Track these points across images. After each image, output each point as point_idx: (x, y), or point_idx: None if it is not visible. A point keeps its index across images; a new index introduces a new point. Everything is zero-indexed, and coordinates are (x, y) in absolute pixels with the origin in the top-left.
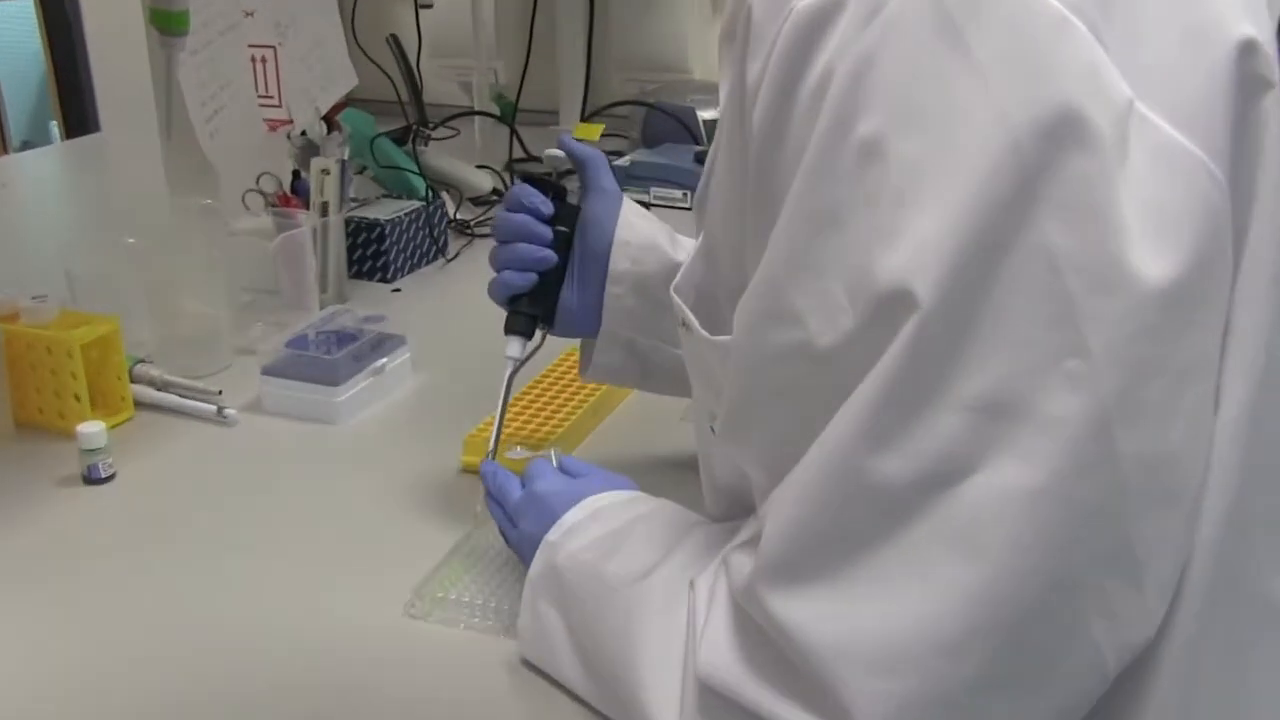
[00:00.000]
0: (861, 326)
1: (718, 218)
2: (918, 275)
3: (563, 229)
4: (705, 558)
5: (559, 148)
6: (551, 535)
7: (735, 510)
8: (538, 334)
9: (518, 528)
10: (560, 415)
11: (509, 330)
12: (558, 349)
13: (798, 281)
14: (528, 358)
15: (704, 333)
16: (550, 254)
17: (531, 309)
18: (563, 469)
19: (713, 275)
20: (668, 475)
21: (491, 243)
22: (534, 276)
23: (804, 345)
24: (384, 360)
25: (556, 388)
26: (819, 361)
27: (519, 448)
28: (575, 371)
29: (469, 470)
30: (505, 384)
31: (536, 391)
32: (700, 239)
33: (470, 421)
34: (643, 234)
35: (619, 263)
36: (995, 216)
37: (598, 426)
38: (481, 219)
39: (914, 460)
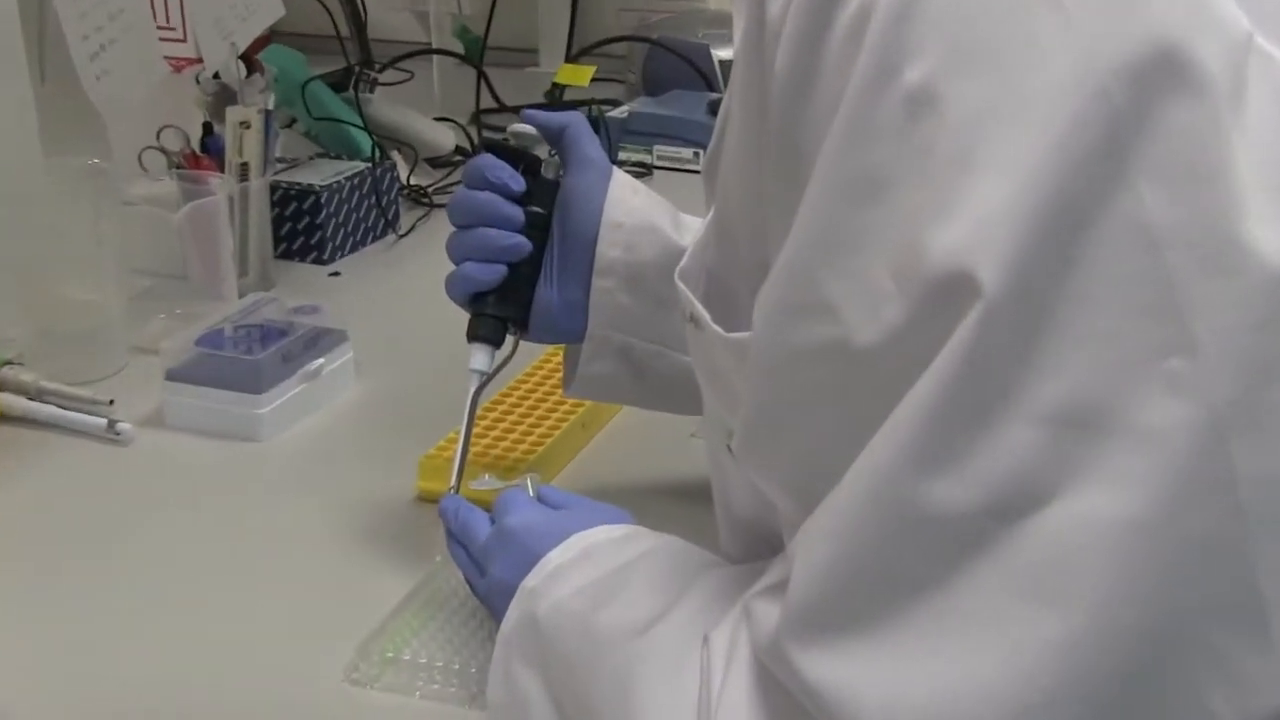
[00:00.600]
0: (911, 319)
1: (733, 185)
2: (981, 254)
3: (537, 210)
4: (721, 606)
5: (526, 123)
6: (531, 580)
7: (758, 548)
8: (509, 340)
9: (487, 574)
10: (538, 433)
11: (472, 337)
12: (536, 350)
13: (832, 264)
14: (496, 371)
15: (717, 329)
16: (522, 241)
17: (500, 310)
18: (542, 501)
19: (728, 256)
20: (673, 507)
21: None
22: (502, 269)
23: (840, 343)
24: (319, 362)
25: (534, 399)
26: (859, 363)
27: (487, 476)
28: (557, 379)
29: (426, 499)
30: (469, 402)
31: (509, 404)
32: (712, 211)
33: (428, 439)
34: (638, 214)
35: (609, 250)
36: (1077, 181)
37: (585, 447)
38: (441, 185)
39: (978, 485)
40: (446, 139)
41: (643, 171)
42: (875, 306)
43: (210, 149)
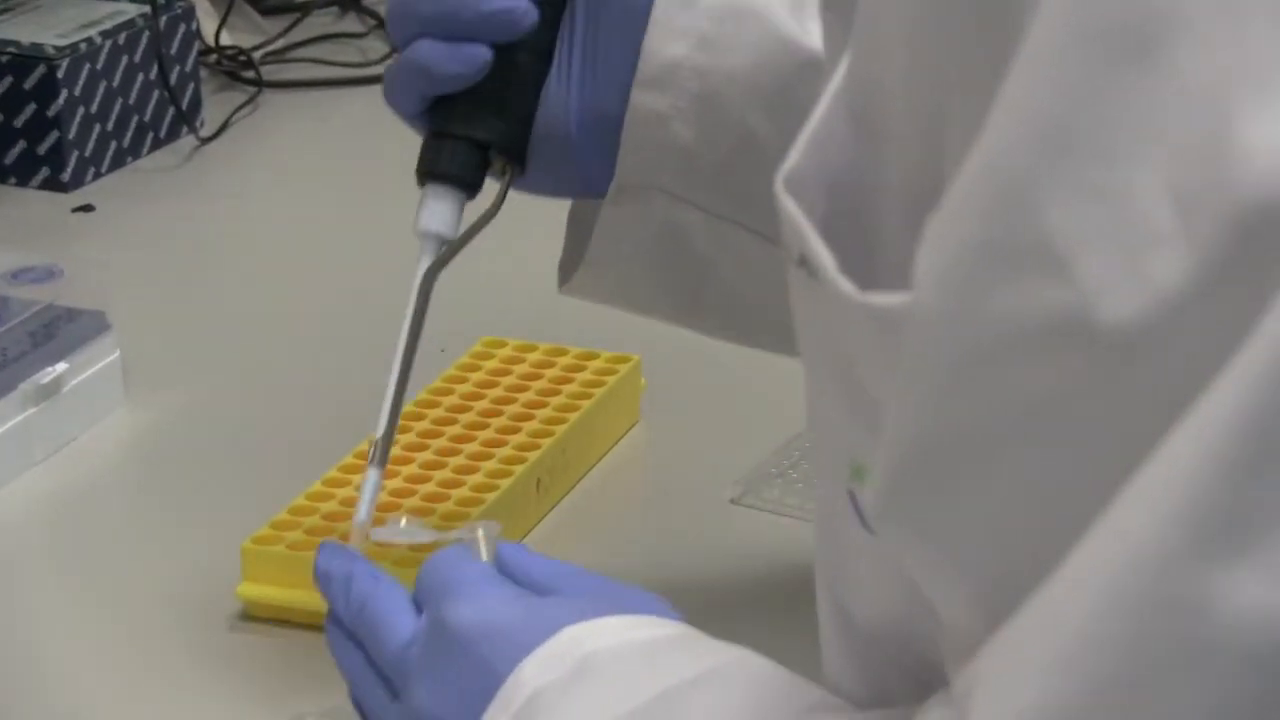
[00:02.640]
0: (1205, 278)
1: (888, 22)
2: None
3: None
4: None
5: None
6: (495, 717)
7: (891, 680)
8: (491, 185)
9: (405, 699)
10: (470, 489)
11: (428, 173)
12: (464, 338)
13: (1061, 178)
14: (465, 240)
15: (846, 284)
16: (521, 5)
17: (477, 127)
18: (504, 570)
19: (870, 158)
20: (705, 620)
21: (318, 97)
22: (484, 54)
23: (1073, 317)
24: (58, 367)
25: (464, 420)
26: (1105, 354)
27: (404, 521)
28: (505, 394)
29: (256, 614)
30: (415, 290)
31: (420, 431)
32: (843, 67)
33: (257, 505)
34: None
35: (665, 43)
36: None
37: (548, 514)
38: (279, 49)
39: None
40: None
41: None
42: (1139, 254)
43: None
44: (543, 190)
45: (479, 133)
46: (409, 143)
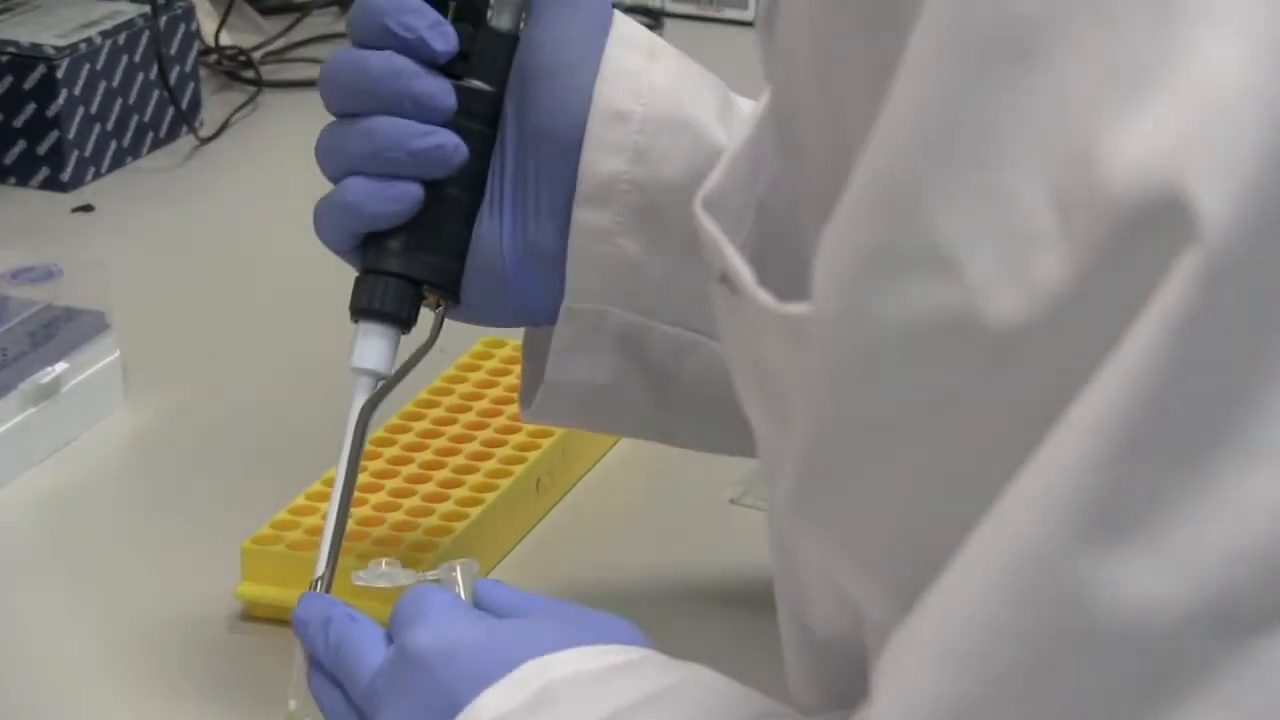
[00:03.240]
0: (1082, 276)
1: (802, 48)
2: (1198, 169)
3: (479, 85)
4: None
5: None
6: None
7: (855, 690)
8: (425, 318)
9: None
10: (461, 494)
11: (361, 311)
12: (460, 340)
13: (947, 180)
14: (402, 375)
15: (765, 297)
16: (449, 141)
17: (410, 265)
18: (480, 604)
19: (792, 175)
20: (697, 622)
21: (317, 97)
22: (416, 192)
23: (961, 317)
24: (58, 367)
25: (454, 432)
26: (991, 352)
27: (384, 564)
28: (501, 393)
29: (256, 614)
30: (352, 426)
31: (411, 440)
32: (766, 96)
33: (255, 507)
34: (659, 96)
35: (604, 159)
36: None
37: (548, 514)
38: (279, 49)
39: (1192, 574)
40: None
41: (650, 23)
42: (1021, 254)
43: None
44: (480, 321)
45: (411, 270)
46: None
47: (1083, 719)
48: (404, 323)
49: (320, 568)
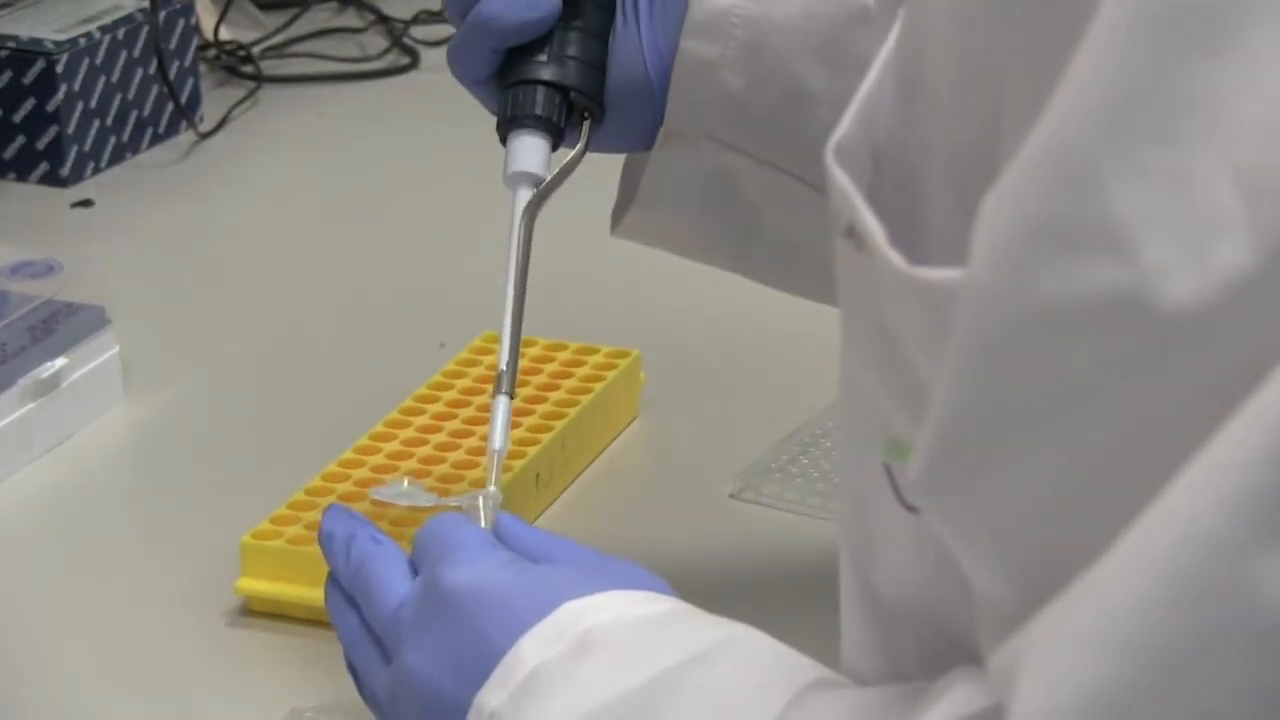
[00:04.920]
0: (1266, 260)
1: (940, 1)
2: None
3: None
4: None
5: None
6: (491, 697)
7: (909, 658)
8: (575, 133)
9: (397, 662)
10: (469, 483)
11: (512, 121)
12: (464, 333)
13: (1125, 159)
14: (557, 183)
15: (895, 257)
16: None
17: (555, 72)
18: (502, 540)
19: (920, 127)
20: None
21: (317, 92)
22: (555, 2)
23: (1133, 298)
24: (57, 362)
25: (464, 415)
26: (1165, 336)
27: (406, 482)
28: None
29: (256, 609)
30: (517, 233)
31: (419, 426)
32: (894, 33)
33: (255, 502)
34: None
35: None
36: None
37: (548, 509)
38: (283, 43)
39: None
40: None
41: None
42: (1202, 237)
43: None
44: (623, 142)
45: (558, 76)
46: (407, 137)
47: (1238, 716)
48: (556, 129)
49: (502, 361)
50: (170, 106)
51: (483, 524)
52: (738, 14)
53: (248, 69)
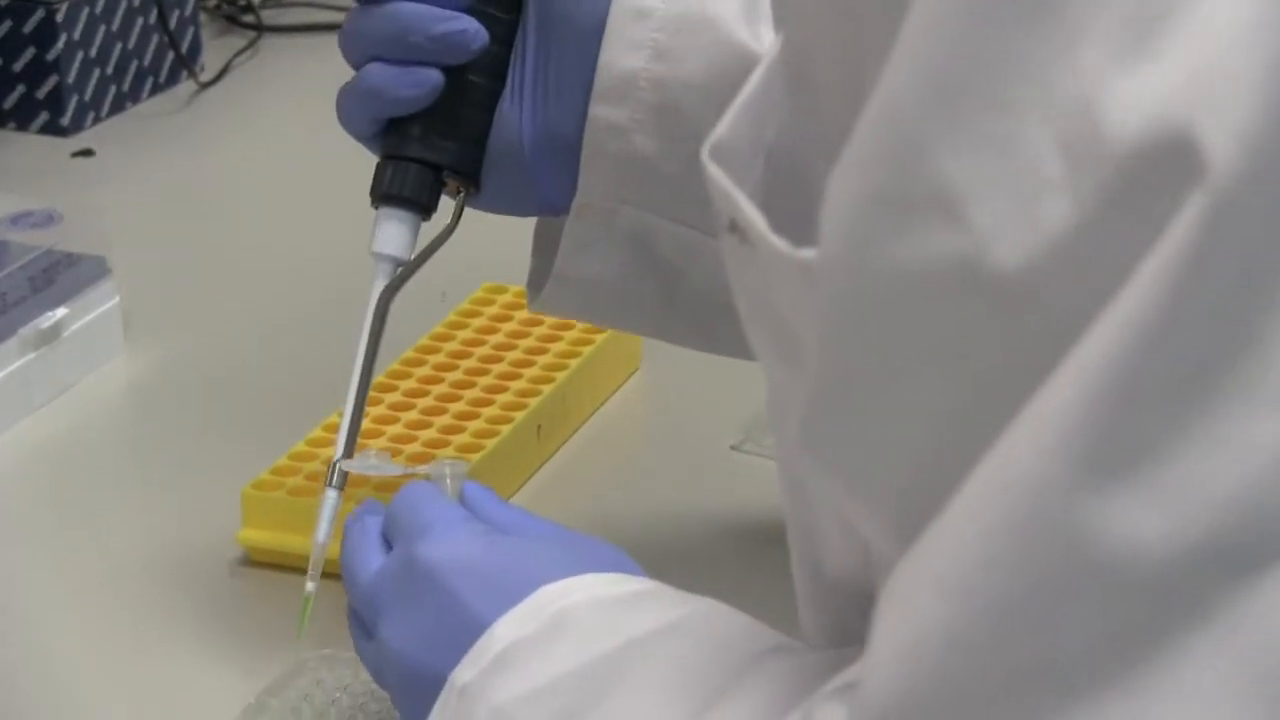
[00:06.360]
0: (1088, 221)
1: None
2: (1206, 112)
3: None
4: (776, 713)
5: None
6: (465, 673)
7: (856, 630)
8: (446, 205)
9: (377, 636)
10: (471, 434)
11: (382, 196)
12: (465, 283)
13: (954, 127)
14: (421, 261)
15: (779, 243)
16: (471, 26)
17: (430, 150)
18: (471, 509)
19: (804, 121)
20: (704, 565)
21: (317, 41)
22: (436, 78)
23: (966, 262)
24: (57, 312)
25: (465, 366)
26: (996, 296)
27: (373, 454)
28: (507, 340)
29: (256, 559)
30: (371, 315)
31: (421, 376)
32: (779, 40)
33: (256, 452)
34: None
35: (622, 55)
36: None
37: (549, 460)
38: None
39: (1191, 513)
40: None
41: None
42: (1028, 200)
43: None
44: (499, 209)
45: (432, 155)
46: None
47: (1079, 654)
48: (424, 208)
49: (338, 453)
50: (171, 56)
51: (448, 493)
52: (645, 77)
53: (248, 18)
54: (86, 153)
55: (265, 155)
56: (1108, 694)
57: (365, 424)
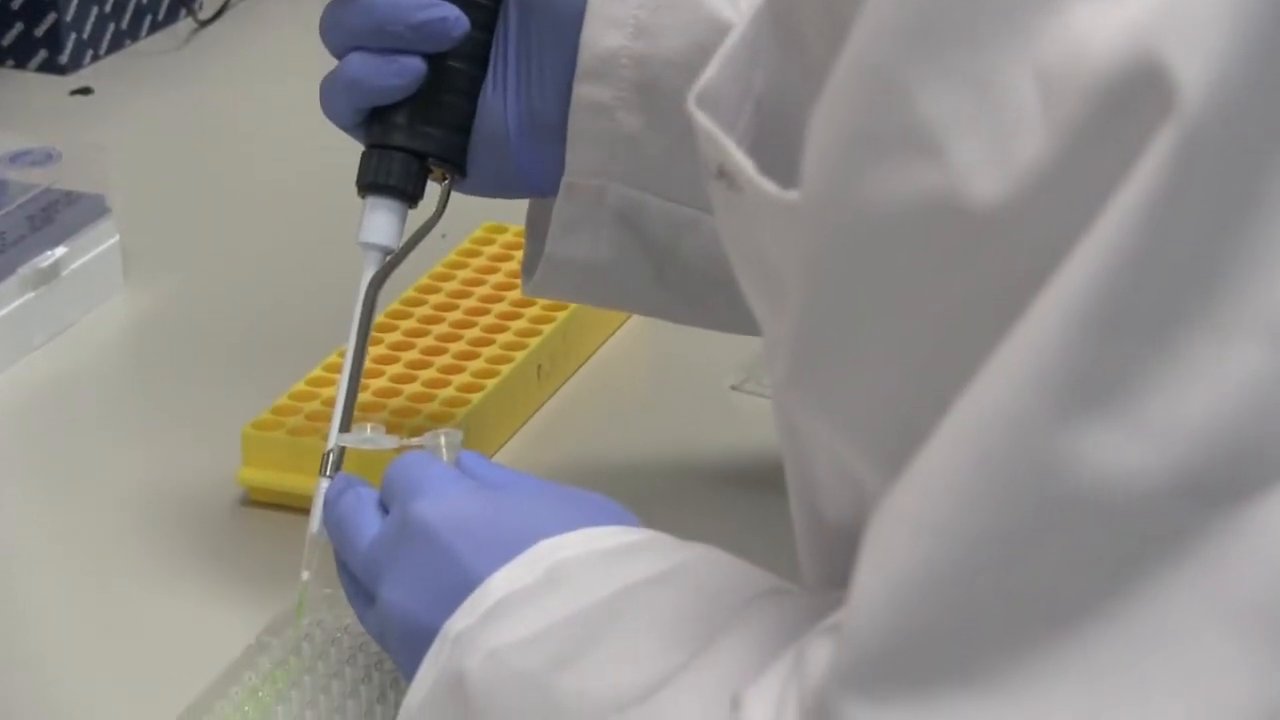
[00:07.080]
0: (1062, 152)
1: None
2: (1177, 42)
3: None
4: (768, 654)
5: None
6: (460, 621)
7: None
8: (432, 192)
9: (378, 599)
10: (471, 374)
11: (368, 186)
12: (464, 220)
13: (930, 62)
14: (409, 248)
15: (768, 185)
16: (451, 14)
17: (415, 138)
18: (466, 472)
19: (790, 69)
20: (705, 505)
21: None
22: (419, 67)
23: (944, 197)
24: (57, 251)
25: (465, 306)
26: (974, 230)
27: (369, 428)
28: (505, 277)
29: (257, 499)
30: (361, 301)
31: (421, 316)
32: None
33: (256, 392)
34: None
35: (604, 34)
36: None
37: (549, 400)
38: None
39: (1169, 444)
40: None
41: None
42: (1005, 135)
43: None
44: (485, 193)
45: (416, 143)
46: None
47: (1056, 587)
48: (410, 197)
49: (331, 441)
50: None
51: (443, 457)
52: (626, 55)
53: None
54: (85, 91)
55: (264, 93)
56: (1090, 626)
57: (367, 364)
